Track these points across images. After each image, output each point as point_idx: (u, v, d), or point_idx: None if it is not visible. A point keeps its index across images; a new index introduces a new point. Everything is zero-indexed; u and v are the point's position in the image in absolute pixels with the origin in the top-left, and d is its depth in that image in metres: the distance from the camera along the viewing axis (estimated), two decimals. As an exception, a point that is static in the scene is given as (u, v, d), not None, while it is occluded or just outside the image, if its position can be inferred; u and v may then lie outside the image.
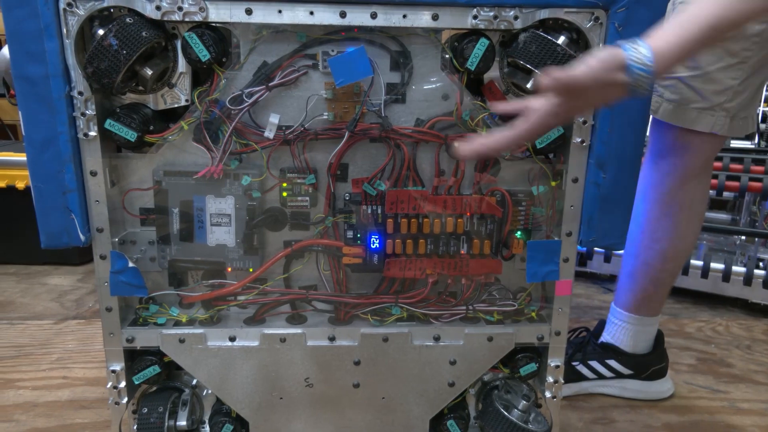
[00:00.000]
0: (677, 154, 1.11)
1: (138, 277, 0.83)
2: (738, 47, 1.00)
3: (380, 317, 0.89)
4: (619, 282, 1.26)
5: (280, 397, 0.89)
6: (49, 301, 1.73)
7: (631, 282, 1.22)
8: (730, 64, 1.01)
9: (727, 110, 1.04)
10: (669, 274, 1.20)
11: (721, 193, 1.91)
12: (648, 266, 1.19)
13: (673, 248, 1.17)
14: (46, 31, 0.70)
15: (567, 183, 0.83)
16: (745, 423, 1.20)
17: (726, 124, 1.05)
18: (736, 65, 1.01)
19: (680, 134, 1.08)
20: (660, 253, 1.17)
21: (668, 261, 1.18)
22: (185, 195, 0.83)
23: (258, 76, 0.79)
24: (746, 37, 0.99)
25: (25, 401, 1.20)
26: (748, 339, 1.61)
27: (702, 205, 1.16)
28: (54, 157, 0.75)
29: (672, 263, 1.18)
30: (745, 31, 0.99)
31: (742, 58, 1.00)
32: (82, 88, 0.74)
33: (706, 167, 1.13)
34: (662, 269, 1.18)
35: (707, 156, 1.11)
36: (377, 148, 0.84)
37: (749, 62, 1.01)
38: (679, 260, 1.19)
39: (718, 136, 1.07)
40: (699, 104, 1.04)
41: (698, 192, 1.14)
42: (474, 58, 0.76)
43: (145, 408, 0.87)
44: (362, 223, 0.84)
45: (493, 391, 0.93)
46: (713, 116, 1.04)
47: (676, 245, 1.16)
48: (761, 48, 1.00)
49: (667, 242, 1.16)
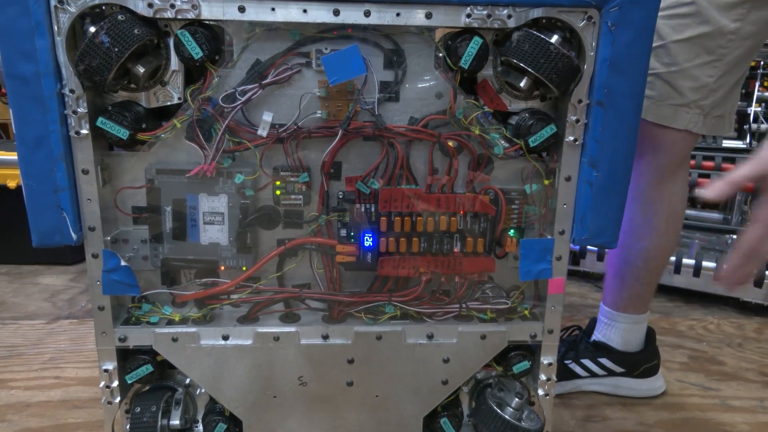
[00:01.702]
0: (652, 153, 1.11)
1: (130, 276, 0.82)
2: (714, 45, 1.01)
3: (374, 315, 0.89)
4: (606, 282, 1.26)
5: (273, 396, 0.89)
6: (42, 301, 1.72)
7: (617, 281, 1.23)
8: (706, 62, 1.02)
9: (702, 107, 1.06)
10: (653, 273, 1.20)
11: (713, 192, 1.92)
12: (631, 265, 1.20)
13: (655, 247, 1.17)
14: (37, 28, 0.70)
15: (560, 181, 0.83)
16: (736, 420, 1.21)
17: (700, 121, 1.07)
18: (711, 62, 1.02)
19: (655, 132, 1.09)
20: (642, 252, 1.18)
21: (651, 260, 1.18)
22: (178, 193, 0.83)
23: (251, 74, 0.79)
24: (722, 34, 1.00)
25: (18, 401, 1.20)
26: (739, 337, 1.62)
27: (681, 202, 1.17)
28: (46, 155, 0.75)
29: (655, 261, 1.19)
30: (722, 29, 1.00)
31: (718, 56, 1.02)
32: (73, 86, 0.73)
33: (681, 165, 1.14)
34: (646, 268, 1.19)
35: (682, 154, 1.12)
36: (371, 146, 0.84)
37: (725, 60, 1.02)
38: (662, 258, 1.20)
39: (692, 133, 1.08)
40: (675, 101, 1.05)
41: (676, 190, 1.15)
42: (467, 56, 0.76)
43: (138, 407, 0.87)
44: (356, 221, 0.84)
45: (486, 389, 0.93)
46: (688, 113, 1.06)
47: (658, 243, 1.17)
48: (736, 46, 1.01)
49: (649, 241, 1.17)
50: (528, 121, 0.80)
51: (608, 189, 0.81)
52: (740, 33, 1.00)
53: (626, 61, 0.76)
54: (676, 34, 1.02)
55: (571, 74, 0.75)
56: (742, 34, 1.00)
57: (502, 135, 0.82)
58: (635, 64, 0.76)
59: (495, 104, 0.82)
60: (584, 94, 0.78)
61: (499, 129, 0.82)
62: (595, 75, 0.77)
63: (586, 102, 0.78)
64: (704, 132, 1.08)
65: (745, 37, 1.01)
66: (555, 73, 0.74)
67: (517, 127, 0.81)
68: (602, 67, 0.76)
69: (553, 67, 0.73)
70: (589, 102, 0.78)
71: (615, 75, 0.76)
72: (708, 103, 1.05)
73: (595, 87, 0.77)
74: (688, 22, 1.01)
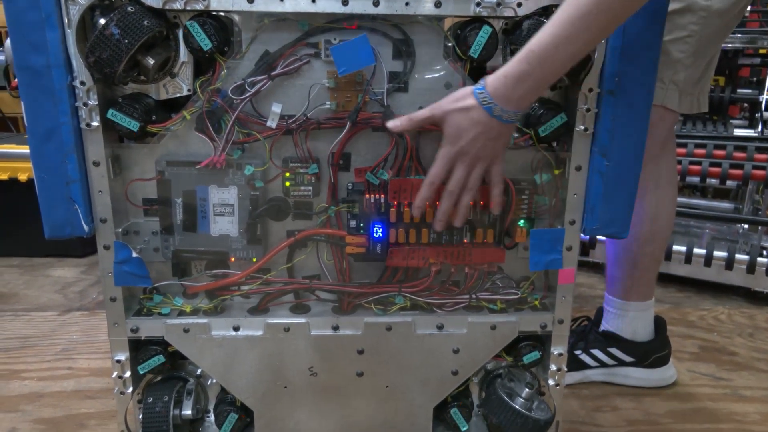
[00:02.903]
0: None
1: (142, 268, 0.83)
2: (685, 21, 1.02)
3: (383, 306, 0.89)
4: (607, 271, 1.26)
5: (284, 386, 0.89)
6: (53, 293, 1.74)
7: (616, 269, 1.23)
8: (678, 38, 1.03)
9: (676, 83, 1.06)
10: (650, 258, 1.20)
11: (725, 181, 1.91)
12: (628, 252, 1.20)
13: (648, 231, 1.17)
14: (48, 21, 0.70)
15: (570, 171, 0.82)
16: (748, 410, 1.20)
17: (676, 98, 1.07)
18: (683, 38, 1.03)
19: None
20: (636, 237, 1.18)
21: (646, 244, 1.18)
22: (188, 185, 0.83)
23: (260, 65, 0.79)
24: (693, 11, 1.00)
25: (31, 392, 1.21)
26: (750, 327, 1.61)
27: (670, 184, 1.17)
28: (57, 147, 0.75)
29: (650, 246, 1.19)
30: (692, 5, 1.00)
31: (690, 32, 1.02)
32: (84, 78, 0.73)
33: (664, 146, 1.13)
34: (642, 253, 1.19)
35: (662, 134, 1.11)
36: (380, 137, 0.83)
37: (696, 36, 1.02)
38: (657, 242, 1.19)
39: (669, 110, 1.08)
40: None
41: (663, 172, 1.14)
42: (477, 45, 0.76)
43: (150, 397, 0.88)
44: (365, 212, 0.84)
45: (496, 379, 0.93)
46: (663, 89, 1.06)
47: (650, 228, 1.17)
48: (708, 24, 1.01)
49: (640, 225, 1.17)
50: (538, 110, 0.80)
51: (619, 178, 0.81)
52: (711, 10, 1.01)
53: (637, 49, 0.75)
54: None
55: (581, 63, 0.74)
56: (714, 10, 1.01)
57: (511, 125, 0.81)
58: (646, 52, 0.76)
59: (505, 94, 0.82)
60: (595, 82, 0.77)
61: (508, 119, 0.81)
62: (606, 64, 0.76)
63: (596, 91, 0.78)
64: (681, 110, 1.09)
65: (717, 14, 1.02)
66: (565, 62, 0.73)
67: (527, 117, 0.81)
68: (613, 56, 0.76)
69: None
70: (599, 91, 0.78)
71: (626, 63, 0.76)
72: (681, 79, 1.06)
73: (606, 76, 0.77)
74: None
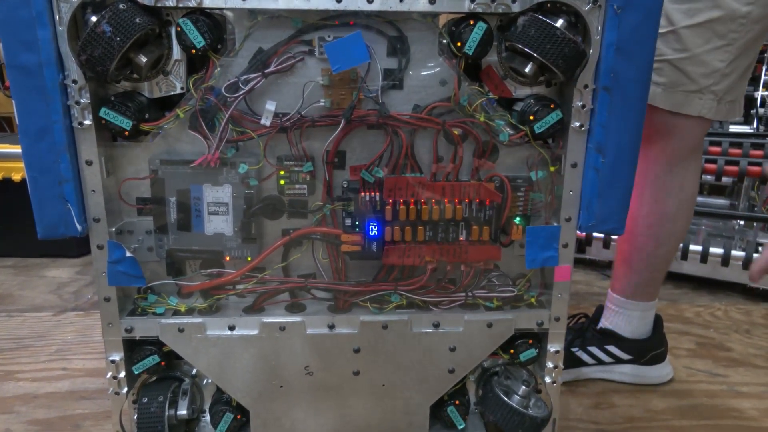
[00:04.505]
0: (664, 139, 1.11)
1: (136, 267, 0.82)
2: (725, 29, 1.00)
3: (380, 305, 0.88)
4: (615, 268, 1.26)
5: (280, 386, 0.89)
6: (48, 294, 1.73)
7: (626, 268, 1.22)
8: (717, 46, 1.01)
9: (715, 93, 1.04)
10: (663, 259, 1.20)
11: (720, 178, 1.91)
12: (642, 252, 1.19)
13: (666, 233, 1.17)
14: (39, 19, 0.69)
15: (566, 168, 0.82)
16: (744, 406, 1.20)
17: (713, 107, 1.06)
18: (723, 47, 1.01)
19: (667, 118, 1.08)
20: (653, 239, 1.17)
21: (662, 246, 1.18)
22: (182, 184, 0.83)
23: (254, 62, 0.78)
24: (733, 18, 0.99)
25: (25, 393, 1.21)
26: (746, 323, 1.61)
27: (693, 188, 1.16)
28: (49, 146, 0.74)
29: (666, 248, 1.18)
30: (733, 13, 0.99)
31: (730, 40, 1.00)
32: (76, 77, 0.73)
33: (694, 151, 1.13)
34: (656, 254, 1.18)
35: (694, 140, 1.11)
36: (375, 134, 0.83)
37: (736, 44, 1.01)
38: (672, 245, 1.19)
39: (705, 119, 1.07)
40: (687, 87, 1.04)
41: (688, 176, 1.14)
42: (472, 42, 0.75)
43: (146, 398, 0.87)
44: (360, 210, 0.84)
45: (493, 377, 0.93)
46: (701, 99, 1.05)
47: (668, 230, 1.16)
48: (748, 30, 1.00)
49: (660, 227, 1.16)
50: (533, 107, 0.79)
51: (615, 175, 0.80)
52: (751, 16, 0.99)
53: (633, 44, 0.75)
54: (687, 19, 1.01)
55: (577, 59, 0.74)
56: (754, 17, 0.99)
57: (507, 122, 0.81)
58: (642, 48, 0.75)
59: (500, 91, 0.82)
60: (590, 79, 0.77)
61: (504, 116, 0.81)
62: (601, 59, 0.76)
63: (592, 87, 0.78)
64: (718, 118, 1.07)
65: (756, 20, 1.00)
66: (561, 59, 0.73)
67: (523, 114, 0.80)
68: (608, 52, 0.75)
69: (559, 53, 0.73)
70: (595, 87, 0.78)
71: (621, 59, 0.75)
72: (721, 88, 1.04)
73: (602, 72, 0.76)
74: (699, 7, 1.00)
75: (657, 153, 1.12)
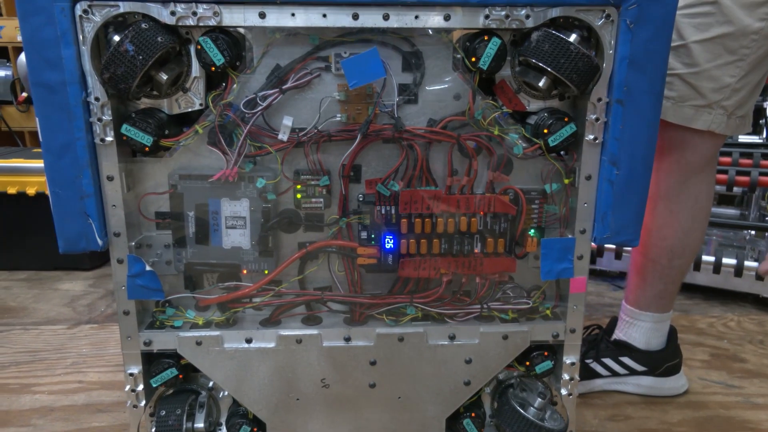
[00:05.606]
0: (677, 152, 1.11)
1: (155, 281, 0.83)
2: (737, 45, 1.00)
3: (395, 317, 0.89)
4: (629, 280, 1.26)
5: (296, 398, 0.89)
6: (62, 306, 1.74)
7: (640, 280, 1.22)
8: (729, 62, 1.01)
9: (725, 108, 1.04)
10: (678, 271, 1.19)
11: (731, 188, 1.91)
12: (656, 264, 1.19)
13: (680, 245, 1.17)
14: (63, 38, 0.71)
15: (580, 180, 0.83)
16: (761, 418, 1.20)
17: (723, 122, 1.06)
18: (734, 63, 1.01)
19: (679, 132, 1.08)
20: (667, 251, 1.17)
21: (676, 258, 1.17)
22: (200, 198, 0.84)
23: (271, 79, 0.79)
24: (745, 34, 0.99)
25: (42, 405, 1.21)
26: (760, 333, 1.60)
27: (707, 200, 1.16)
28: (71, 162, 0.76)
29: (680, 260, 1.18)
30: (745, 29, 0.99)
31: (741, 56, 1.00)
32: (98, 94, 0.74)
33: (708, 164, 1.13)
34: (670, 266, 1.18)
35: (707, 154, 1.11)
36: (390, 148, 0.84)
37: (747, 60, 1.01)
38: (687, 256, 1.19)
39: (716, 134, 1.07)
40: (696, 102, 1.04)
41: (702, 188, 1.14)
42: (486, 57, 0.76)
43: (163, 410, 0.88)
44: (376, 223, 0.84)
45: (508, 389, 0.93)
46: (710, 114, 1.05)
47: (683, 242, 1.16)
48: (759, 46, 1.00)
49: (674, 239, 1.16)
50: (547, 120, 0.80)
51: (629, 187, 0.81)
52: (764, 32, 0.99)
53: (645, 58, 0.76)
54: (698, 34, 1.01)
55: (591, 73, 0.75)
56: (766, 33, 0.99)
57: (521, 135, 0.82)
58: (655, 61, 0.76)
59: (513, 104, 0.82)
60: (604, 92, 0.78)
61: (518, 129, 0.82)
62: (614, 73, 0.77)
63: (605, 100, 0.78)
64: (728, 133, 1.07)
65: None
66: (575, 73, 0.74)
67: (537, 127, 0.81)
68: (621, 65, 0.76)
69: (573, 67, 0.74)
70: (608, 100, 0.78)
71: (634, 73, 0.76)
72: (731, 104, 1.04)
73: (615, 85, 0.77)
74: (710, 22, 1.00)
75: (670, 165, 1.12)
